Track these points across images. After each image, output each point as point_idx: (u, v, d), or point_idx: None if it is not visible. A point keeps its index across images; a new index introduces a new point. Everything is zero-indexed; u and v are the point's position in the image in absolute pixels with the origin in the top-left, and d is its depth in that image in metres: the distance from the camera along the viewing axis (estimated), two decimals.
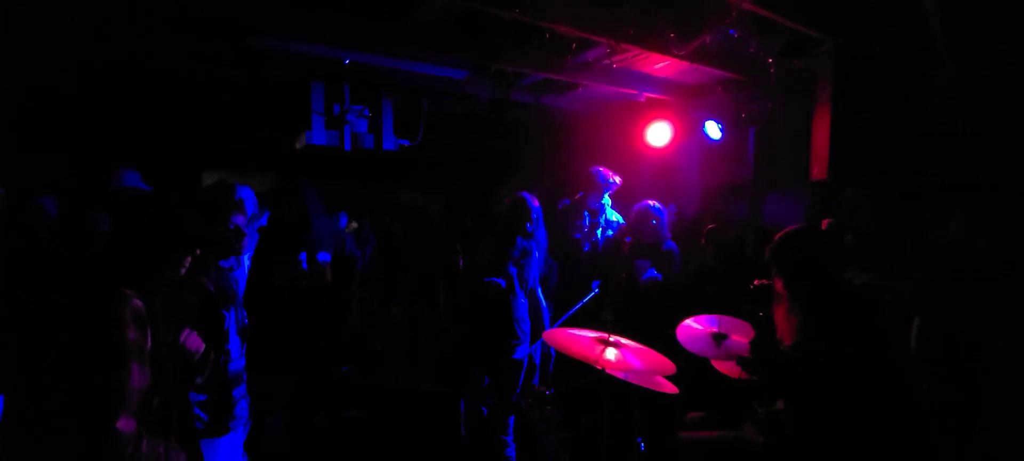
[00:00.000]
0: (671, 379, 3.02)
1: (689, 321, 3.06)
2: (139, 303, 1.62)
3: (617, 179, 4.34)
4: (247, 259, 2.80)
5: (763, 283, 2.59)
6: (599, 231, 4.37)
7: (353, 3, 3.63)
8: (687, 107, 5.29)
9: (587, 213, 4.39)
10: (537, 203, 3.73)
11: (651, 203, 4.32)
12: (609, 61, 4.25)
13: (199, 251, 1.87)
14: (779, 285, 2.47)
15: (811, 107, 4.32)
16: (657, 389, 3.07)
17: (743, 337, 2.81)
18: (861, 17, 3.78)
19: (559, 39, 3.98)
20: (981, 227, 3.16)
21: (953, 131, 3.71)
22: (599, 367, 2.78)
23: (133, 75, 4.36)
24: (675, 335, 3.01)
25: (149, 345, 1.63)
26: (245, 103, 5.44)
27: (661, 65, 4.67)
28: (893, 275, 3.17)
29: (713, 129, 4.95)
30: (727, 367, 2.90)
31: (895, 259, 3.35)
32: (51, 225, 3.17)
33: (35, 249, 2.98)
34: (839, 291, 2.39)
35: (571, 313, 3.75)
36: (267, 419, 3.46)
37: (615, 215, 4.47)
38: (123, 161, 3.34)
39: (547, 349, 3.99)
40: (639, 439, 3.16)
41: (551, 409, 3.66)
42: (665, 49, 3.95)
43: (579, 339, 2.97)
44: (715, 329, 2.97)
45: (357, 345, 5.96)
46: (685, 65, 4.37)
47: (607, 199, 4.40)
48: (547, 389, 3.68)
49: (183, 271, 1.85)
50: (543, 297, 3.84)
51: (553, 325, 3.78)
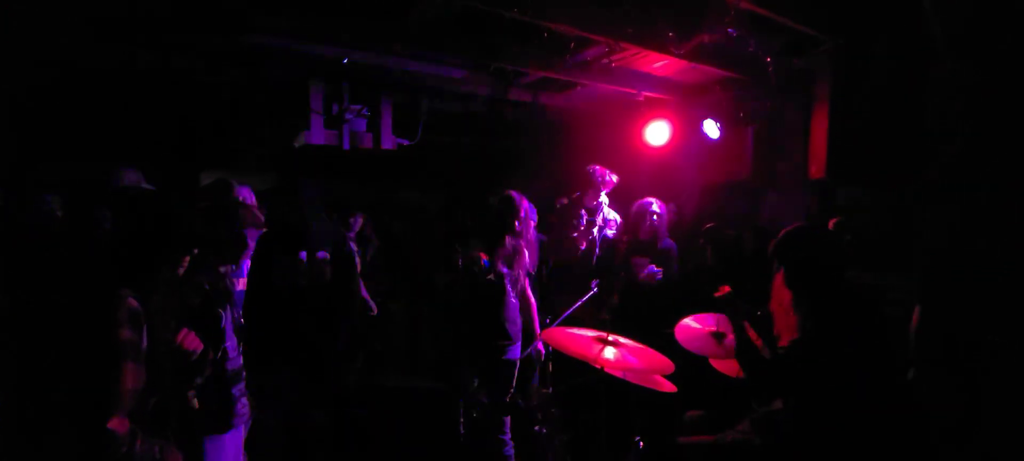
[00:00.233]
0: (670, 378, 3.02)
1: (688, 320, 3.06)
2: (135, 303, 1.62)
3: (614, 177, 4.34)
4: (246, 260, 2.80)
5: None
6: (595, 229, 4.37)
7: (352, 2, 3.63)
8: (686, 106, 5.29)
9: (584, 212, 4.39)
10: (526, 202, 3.68)
11: (650, 202, 4.32)
12: (608, 60, 4.25)
13: (197, 251, 1.88)
14: (780, 281, 2.44)
15: (810, 106, 4.33)
16: (656, 388, 3.08)
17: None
18: (860, 16, 3.78)
19: (558, 38, 3.98)
20: (973, 227, 3.17)
21: (952, 131, 3.71)
22: (598, 366, 2.78)
23: (131, 74, 4.35)
24: (673, 334, 3.01)
25: (145, 345, 1.63)
26: (244, 102, 5.44)
27: (660, 64, 4.67)
28: (892, 275, 3.17)
29: (712, 128, 4.95)
30: (726, 366, 2.90)
31: (893, 258, 3.35)
32: (55, 224, 3.18)
33: (36, 248, 2.97)
34: (841, 291, 2.36)
35: (570, 312, 3.75)
36: (267, 417, 3.46)
37: (612, 214, 4.48)
38: (124, 160, 3.34)
39: (546, 347, 3.98)
40: (638, 438, 3.16)
41: (554, 409, 3.66)
42: (664, 48, 3.94)
43: (578, 338, 2.97)
44: (714, 328, 2.98)
45: (358, 345, 5.96)
46: (684, 64, 4.37)
47: (604, 198, 4.39)
48: (546, 388, 3.68)
49: (181, 271, 1.85)
50: (532, 294, 3.79)
51: (552, 324, 3.77)
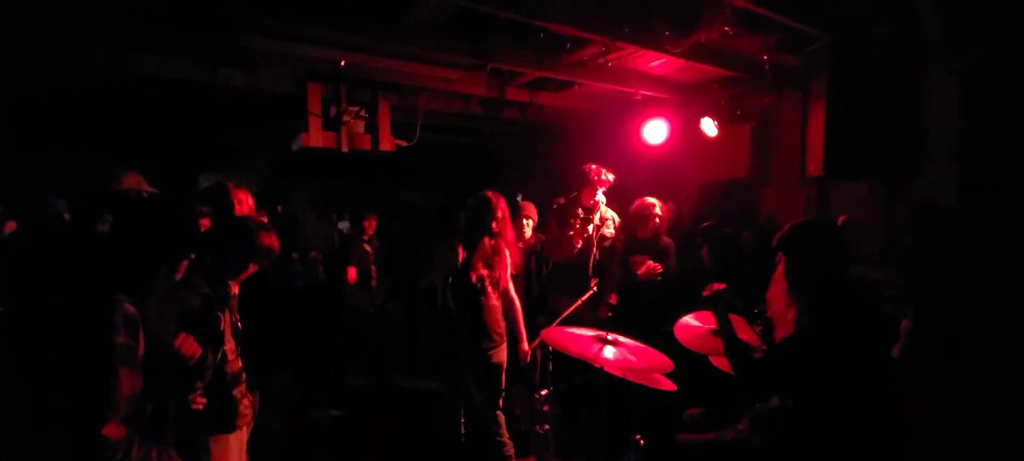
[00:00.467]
0: (669, 376, 3.03)
1: (687, 318, 3.06)
2: (131, 308, 1.62)
3: (610, 176, 4.34)
4: None
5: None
6: (591, 228, 4.37)
7: (349, 4, 3.63)
8: (683, 105, 5.29)
9: (581, 210, 4.40)
10: (504, 202, 3.61)
11: (652, 203, 4.33)
12: (604, 59, 4.25)
13: (194, 255, 1.87)
14: (780, 274, 2.42)
15: (807, 104, 4.32)
16: (655, 387, 3.08)
17: (742, 333, 2.80)
18: (856, 14, 3.77)
19: (554, 38, 3.98)
20: (973, 226, 3.17)
21: (950, 129, 3.70)
22: (598, 365, 2.79)
23: (130, 77, 4.35)
24: (673, 332, 3.01)
25: (142, 350, 1.63)
26: (242, 105, 5.45)
27: (656, 63, 4.67)
28: (886, 271, 3.18)
29: (709, 126, 4.96)
30: (725, 364, 2.90)
31: (890, 256, 3.36)
32: (62, 226, 3.18)
33: (40, 250, 2.98)
34: (840, 288, 2.34)
35: (569, 312, 3.75)
36: (267, 418, 3.46)
37: (610, 212, 4.48)
38: (124, 162, 3.34)
39: (545, 347, 3.98)
40: (637, 436, 3.16)
41: (549, 409, 3.66)
42: (660, 47, 3.94)
43: (577, 338, 2.98)
44: (713, 326, 2.98)
45: (359, 345, 5.98)
46: (681, 63, 4.37)
47: (601, 196, 4.40)
48: (545, 388, 3.67)
49: (179, 275, 1.85)
50: (516, 296, 3.75)
51: (551, 324, 3.77)
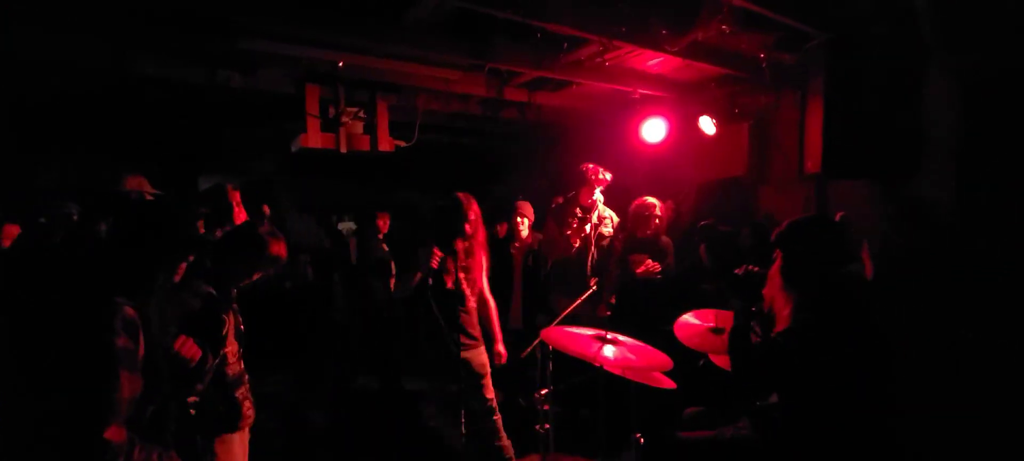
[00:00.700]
0: (669, 374, 3.03)
1: (687, 316, 3.07)
2: (131, 311, 1.61)
3: (607, 175, 4.35)
4: None
5: (749, 269, 2.48)
6: (589, 227, 4.37)
7: (347, 4, 3.63)
8: (681, 103, 5.29)
9: (579, 210, 4.40)
10: (475, 203, 3.59)
11: (652, 203, 4.34)
12: (602, 59, 4.26)
13: (193, 257, 1.87)
14: (776, 270, 2.41)
15: (804, 101, 4.32)
16: (655, 385, 3.09)
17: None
18: (853, 12, 3.78)
19: (552, 38, 3.98)
20: (971, 225, 3.18)
21: (950, 128, 3.70)
22: (597, 364, 2.79)
23: (130, 79, 4.35)
24: (672, 331, 3.02)
25: (142, 353, 1.62)
26: (241, 106, 5.44)
27: (654, 62, 4.68)
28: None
29: (707, 125, 4.96)
30: (726, 361, 2.91)
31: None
32: (71, 227, 3.19)
33: (42, 251, 2.97)
34: (835, 286, 2.33)
35: (568, 311, 3.75)
36: (264, 420, 3.46)
37: (608, 211, 4.49)
38: (123, 164, 3.34)
39: (545, 346, 3.98)
40: (638, 435, 3.17)
41: (549, 408, 3.66)
42: (657, 46, 3.95)
43: (577, 337, 2.98)
44: (713, 324, 2.99)
45: (362, 345, 5.97)
46: (678, 62, 4.37)
47: (599, 195, 4.40)
48: (545, 388, 3.67)
49: (177, 277, 1.84)
50: (491, 297, 3.75)
51: (551, 324, 3.77)
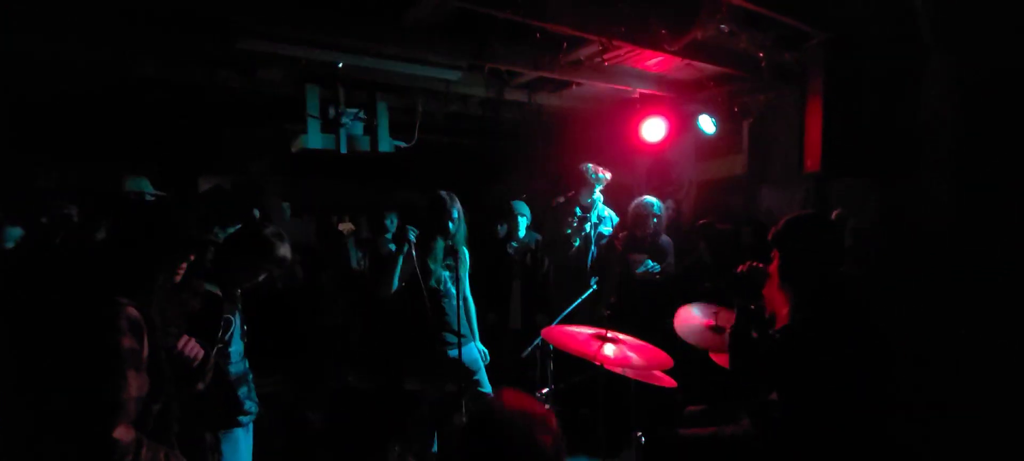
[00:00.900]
0: (669, 373, 3.04)
1: (689, 307, 3.07)
2: (134, 311, 1.61)
3: (607, 174, 4.35)
4: None
5: (752, 265, 2.49)
6: (588, 226, 4.38)
7: (347, 4, 3.64)
8: (681, 102, 5.30)
9: (578, 209, 4.41)
10: (457, 202, 3.60)
11: (652, 203, 4.34)
12: (601, 58, 4.26)
13: (194, 257, 1.87)
14: (775, 268, 2.42)
15: (804, 100, 4.33)
16: (655, 383, 3.09)
17: None
18: (853, 11, 3.78)
19: (551, 38, 3.99)
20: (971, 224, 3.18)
21: (949, 127, 3.70)
22: (598, 363, 2.80)
23: (129, 79, 4.36)
24: (672, 329, 3.03)
25: (146, 352, 1.63)
26: (241, 106, 5.45)
27: (654, 61, 4.68)
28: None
29: (707, 124, 4.97)
30: (725, 360, 2.91)
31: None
32: (71, 228, 3.20)
33: (44, 252, 2.98)
34: (833, 285, 2.33)
35: (569, 310, 3.76)
36: (261, 419, 3.47)
37: (607, 211, 4.49)
38: (125, 164, 3.35)
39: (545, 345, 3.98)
40: (638, 433, 3.17)
41: (550, 407, 3.67)
42: (656, 45, 3.95)
43: (577, 336, 2.99)
44: (713, 322, 2.99)
45: (355, 344, 5.96)
46: (678, 61, 4.37)
47: (598, 194, 4.41)
48: (545, 387, 3.68)
49: (178, 278, 1.85)
50: (470, 296, 3.77)
51: (551, 323, 3.78)
